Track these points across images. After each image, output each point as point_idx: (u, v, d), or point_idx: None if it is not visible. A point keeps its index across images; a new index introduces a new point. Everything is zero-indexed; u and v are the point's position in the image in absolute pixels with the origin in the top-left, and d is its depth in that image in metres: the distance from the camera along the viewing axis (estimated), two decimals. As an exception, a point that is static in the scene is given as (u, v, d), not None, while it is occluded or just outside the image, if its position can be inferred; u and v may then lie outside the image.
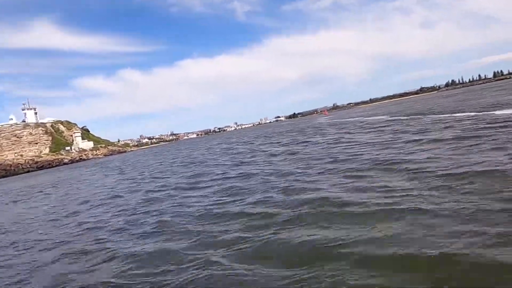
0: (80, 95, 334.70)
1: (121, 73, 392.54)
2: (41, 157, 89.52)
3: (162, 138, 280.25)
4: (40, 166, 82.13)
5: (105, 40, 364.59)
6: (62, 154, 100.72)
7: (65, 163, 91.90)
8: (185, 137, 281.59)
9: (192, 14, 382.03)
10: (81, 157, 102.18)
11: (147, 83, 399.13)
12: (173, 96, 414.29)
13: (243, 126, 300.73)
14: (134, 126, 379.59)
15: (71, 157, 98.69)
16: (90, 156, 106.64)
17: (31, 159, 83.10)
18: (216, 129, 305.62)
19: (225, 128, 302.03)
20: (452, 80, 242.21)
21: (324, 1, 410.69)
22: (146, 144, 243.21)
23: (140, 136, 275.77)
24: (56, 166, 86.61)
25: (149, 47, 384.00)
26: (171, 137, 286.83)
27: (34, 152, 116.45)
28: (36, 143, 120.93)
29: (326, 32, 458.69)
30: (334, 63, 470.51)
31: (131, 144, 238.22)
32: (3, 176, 72.70)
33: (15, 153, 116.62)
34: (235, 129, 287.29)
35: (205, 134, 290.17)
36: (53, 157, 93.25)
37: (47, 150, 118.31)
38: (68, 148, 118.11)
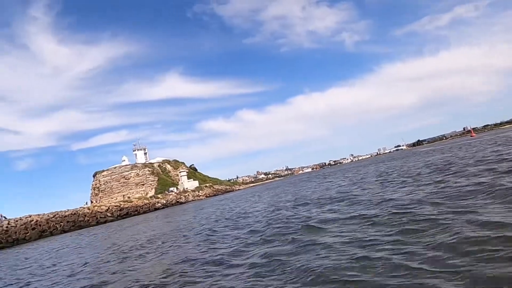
0: (203, 137, 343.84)
1: (238, 114, 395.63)
2: (130, 201, 71.30)
3: (277, 173, 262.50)
4: (124, 214, 63.24)
5: (222, 85, 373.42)
6: (158, 197, 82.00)
7: (156, 208, 71.91)
8: (300, 171, 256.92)
9: (301, 51, 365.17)
10: (178, 200, 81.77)
11: (262, 121, 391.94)
12: (286, 132, 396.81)
13: (360, 158, 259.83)
14: (251, 162, 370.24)
15: (167, 200, 78.86)
16: (190, 198, 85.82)
17: (116, 206, 65.23)
18: (331, 162, 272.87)
19: (340, 161, 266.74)
20: None
21: (442, 20, 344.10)
22: (261, 180, 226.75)
23: (257, 172, 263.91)
24: (144, 212, 66.86)
25: (263, 87, 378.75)
26: (286, 171, 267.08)
27: (141, 193, 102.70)
28: (143, 184, 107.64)
29: (446, 51, 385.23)
30: (458, 83, 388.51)
31: (248, 180, 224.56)
32: (81, 227, 54.85)
33: (123, 195, 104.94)
34: (351, 161, 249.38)
35: (320, 167, 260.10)
36: (146, 201, 74.50)
37: (152, 191, 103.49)
38: (172, 188, 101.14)
